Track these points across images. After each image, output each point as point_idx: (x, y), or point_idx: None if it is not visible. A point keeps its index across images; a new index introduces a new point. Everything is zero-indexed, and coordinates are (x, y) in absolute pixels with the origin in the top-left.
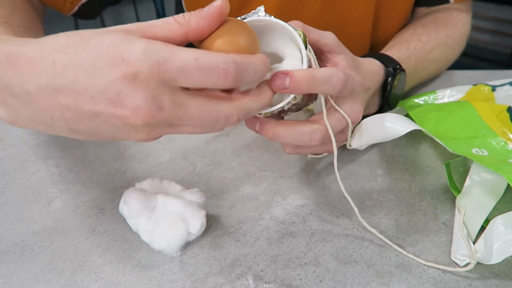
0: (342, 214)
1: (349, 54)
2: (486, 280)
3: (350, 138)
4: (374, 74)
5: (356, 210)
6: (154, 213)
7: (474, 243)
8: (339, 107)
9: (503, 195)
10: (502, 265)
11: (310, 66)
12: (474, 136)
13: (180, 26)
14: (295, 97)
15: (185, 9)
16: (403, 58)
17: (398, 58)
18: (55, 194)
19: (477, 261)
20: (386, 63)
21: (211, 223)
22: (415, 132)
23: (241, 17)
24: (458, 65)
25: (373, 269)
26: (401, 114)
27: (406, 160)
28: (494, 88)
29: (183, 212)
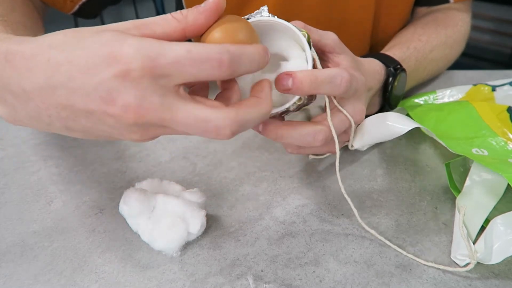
0: (342, 214)
1: (350, 54)
2: (486, 280)
3: (352, 139)
4: (375, 74)
5: (355, 212)
6: (154, 213)
7: (474, 243)
8: (342, 108)
9: (503, 195)
10: (502, 265)
11: (315, 66)
12: (474, 136)
13: (177, 22)
14: (300, 98)
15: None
16: (404, 58)
17: (398, 58)
18: (55, 194)
19: (477, 261)
20: (386, 63)
21: (211, 223)
22: (415, 132)
23: (244, 17)
24: (458, 65)
25: (373, 269)
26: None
27: (406, 160)
28: (494, 88)
29: (183, 212)
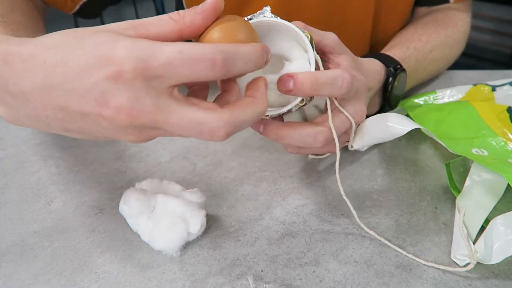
0: (342, 214)
1: (350, 54)
2: (486, 280)
3: (352, 139)
4: (375, 74)
5: (354, 213)
6: (154, 213)
7: (474, 243)
8: (343, 108)
9: (503, 195)
10: (502, 265)
11: (317, 68)
12: (474, 136)
13: (174, 23)
14: (303, 99)
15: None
16: (404, 58)
17: (398, 58)
18: (55, 194)
19: (477, 261)
20: (386, 63)
21: (211, 223)
22: (415, 132)
23: (247, 17)
24: (458, 65)
25: (373, 269)
26: (401, 114)
27: (406, 160)
28: (494, 88)
29: (183, 212)
